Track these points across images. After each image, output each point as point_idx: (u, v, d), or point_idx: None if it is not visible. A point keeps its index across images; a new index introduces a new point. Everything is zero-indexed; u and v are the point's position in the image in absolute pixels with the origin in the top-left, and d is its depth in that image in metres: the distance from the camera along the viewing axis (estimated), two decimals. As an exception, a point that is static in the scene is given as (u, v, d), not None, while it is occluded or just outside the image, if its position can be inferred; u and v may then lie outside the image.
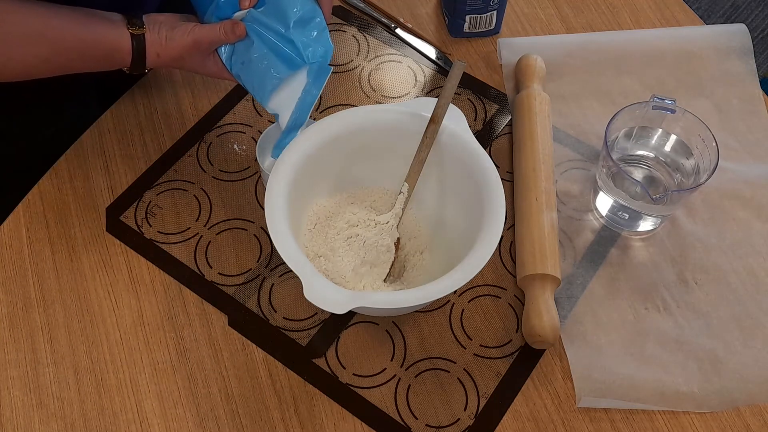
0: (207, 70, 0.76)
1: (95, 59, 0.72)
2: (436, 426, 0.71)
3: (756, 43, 2.01)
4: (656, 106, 0.79)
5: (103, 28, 0.71)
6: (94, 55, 0.72)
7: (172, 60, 0.74)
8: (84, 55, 0.71)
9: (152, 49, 0.72)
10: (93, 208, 0.82)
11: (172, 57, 0.73)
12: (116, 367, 0.73)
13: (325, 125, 0.74)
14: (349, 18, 0.98)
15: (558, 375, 0.73)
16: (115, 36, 0.71)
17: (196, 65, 0.76)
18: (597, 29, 0.98)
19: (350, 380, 0.73)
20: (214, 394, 0.72)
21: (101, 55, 0.72)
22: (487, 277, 0.78)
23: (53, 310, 0.76)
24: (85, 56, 0.71)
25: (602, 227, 0.82)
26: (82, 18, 0.70)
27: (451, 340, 0.75)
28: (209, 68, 0.76)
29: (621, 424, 0.71)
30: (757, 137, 0.89)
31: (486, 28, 0.95)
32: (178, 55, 0.73)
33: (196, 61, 0.75)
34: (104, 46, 0.71)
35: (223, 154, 0.86)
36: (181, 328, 0.75)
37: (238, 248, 0.80)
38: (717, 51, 0.95)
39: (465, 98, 0.91)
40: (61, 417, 0.71)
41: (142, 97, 0.90)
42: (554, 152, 0.85)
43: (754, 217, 0.83)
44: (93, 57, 0.72)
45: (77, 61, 0.72)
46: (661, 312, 0.77)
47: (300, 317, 0.76)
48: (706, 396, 0.72)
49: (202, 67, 0.76)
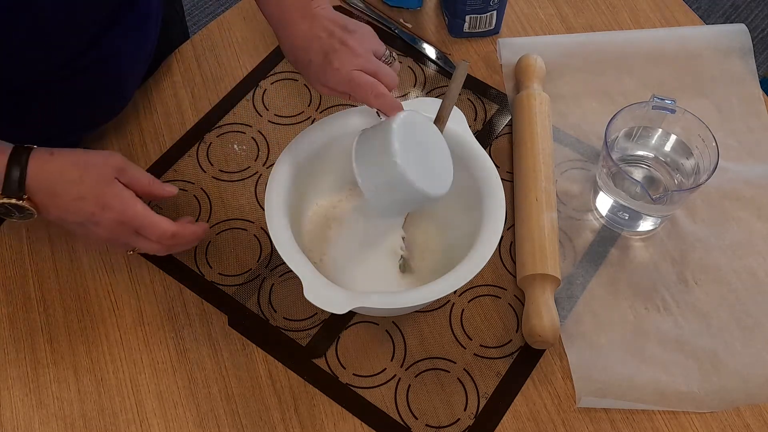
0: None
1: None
2: (436, 426, 0.71)
3: (756, 43, 2.01)
4: (656, 106, 0.79)
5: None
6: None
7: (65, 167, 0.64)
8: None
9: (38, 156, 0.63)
10: (93, 208, 0.82)
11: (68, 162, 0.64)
12: (116, 367, 0.73)
13: (326, 125, 0.74)
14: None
15: (558, 375, 0.73)
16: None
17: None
18: (597, 29, 0.98)
19: (350, 380, 0.73)
20: (214, 394, 0.72)
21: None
22: (487, 277, 0.78)
23: (53, 310, 0.76)
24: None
25: (602, 227, 0.82)
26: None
27: (451, 340, 0.75)
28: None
29: (621, 424, 0.71)
30: (757, 137, 0.89)
31: (486, 28, 0.95)
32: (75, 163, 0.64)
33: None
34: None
35: (223, 154, 0.86)
36: (181, 328, 0.75)
37: (238, 248, 0.80)
38: (717, 51, 0.95)
39: (465, 98, 0.91)
40: (61, 417, 0.71)
41: (143, 97, 0.90)
42: (554, 152, 0.85)
43: (754, 217, 0.83)
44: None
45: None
46: (661, 312, 0.77)
47: (300, 317, 0.76)
48: (706, 396, 0.72)
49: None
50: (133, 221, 0.66)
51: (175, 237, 0.68)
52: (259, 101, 0.90)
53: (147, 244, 0.69)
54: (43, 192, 0.64)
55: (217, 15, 1.71)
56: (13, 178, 0.62)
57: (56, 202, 0.65)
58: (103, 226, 0.66)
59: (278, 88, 0.91)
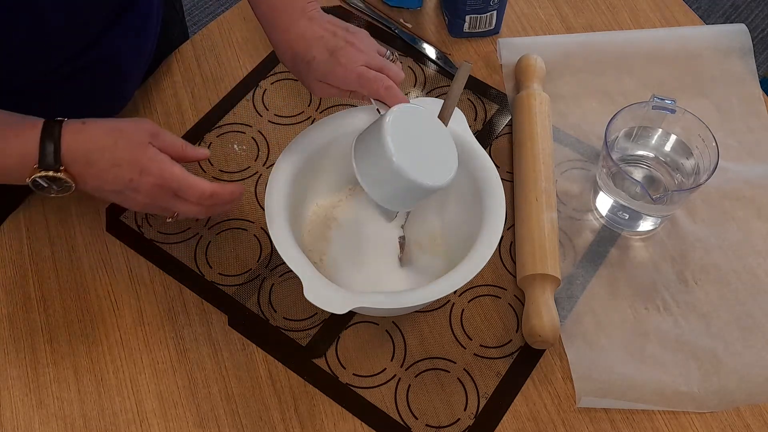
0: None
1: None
2: (436, 426, 0.71)
3: (756, 43, 2.01)
4: (656, 106, 0.79)
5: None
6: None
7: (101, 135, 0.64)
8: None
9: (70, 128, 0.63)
10: (93, 208, 0.82)
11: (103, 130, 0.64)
12: (116, 367, 0.73)
13: (325, 125, 0.74)
14: (349, 18, 0.98)
15: (558, 375, 0.73)
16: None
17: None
18: (597, 29, 0.98)
19: (350, 380, 0.73)
20: (214, 394, 0.72)
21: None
22: (487, 277, 0.78)
23: (53, 310, 0.76)
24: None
25: (602, 227, 0.82)
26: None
27: (451, 340, 0.75)
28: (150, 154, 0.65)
29: (621, 424, 0.71)
30: (757, 137, 0.89)
31: (486, 28, 0.95)
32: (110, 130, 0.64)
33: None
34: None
35: (223, 154, 0.86)
36: (181, 328, 0.75)
37: (238, 248, 0.80)
38: (717, 51, 0.95)
39: (465, 98, 0.91)
40: (61, 417, 0.71)
41: (143, 97, 0.90)
42: (554, 152, 0.85)
43: (754, 217, 0.83)
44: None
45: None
46: (661, 312, 0.77)
47: (300, 317, 0.76)
48: (706, 396, 0.72)
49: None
50: (172, 183, 0.65)
51: (214, 197, 0.67)
52: (259, 101, 0.90)
53: (187, 207, 0.68)
54: (79, 163, 0.63)
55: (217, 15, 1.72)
56: (48, 152, 0.62)
57: (92, 172, 0.64)
58: (142, 192, 0.65)
59: (278, 88, 0.91)
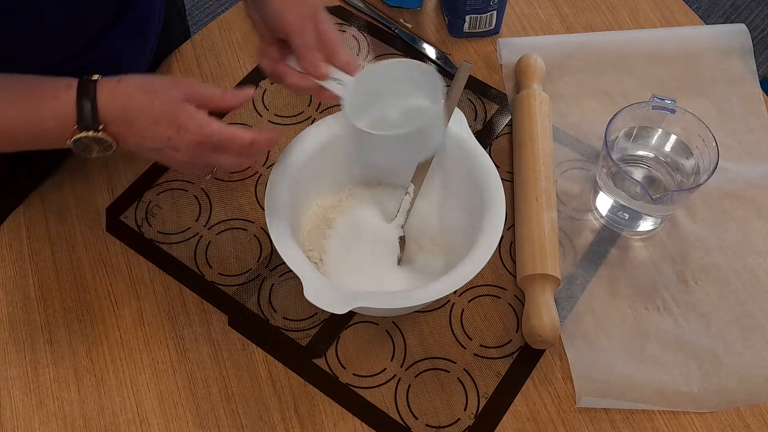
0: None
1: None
2: (436, 426, 0.71)
3: (756, 43, 2.01)
4: (656, 106, 0.79)
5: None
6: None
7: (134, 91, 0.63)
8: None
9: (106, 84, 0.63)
10: (93, 208, 0.82)
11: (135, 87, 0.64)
12: (116, 367, 0.73)
13: (326, 125, 0.74)
14: (349, 18, 0.98)
15: (558, 375, 0.73)
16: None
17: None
18: (597, 29, 0.98)
19: (350, 380, 0.73)
20: (214, 394, 0.72)
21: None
22: (487, 277, 0.78)
23: (53, 310, 0.76)
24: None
25: (602, 227, 0.82)
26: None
27: (451, 340, 0.75)
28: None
29: (621, 424, 0.71)
30: (757, 137, 0.89)
31: (486, 28, 0.95)
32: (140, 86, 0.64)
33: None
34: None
35: (223, 154, 0.86)
36: (181, 328, 0.75)
37: (238, 248, 0.80)
38: (717, 51, 0.95)
39: (465, 98, 0.91)
40: (61, 417, 0.71)
41: (142, 97, 0.90)
42: (554, 152, 0.85)
43: (754, 217, 0.83)
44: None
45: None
46: (661, 312, 0.77)
47: (300, 317, 0.76)
48: (706, 396, 0.72)
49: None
50: (212, 138, 0.64)
51: (254, 144, 0.66)
52: (259, 101, 0.90)
53: (228, 159, 0.66)
54: (117, 121, 0.63)
55: (218, 15, 1.71)
56: (86, 111, 0.61)
57: (132, 129, 0.63)
58: (181, 150, 0.64)
59: (278, 88, 0.91)
